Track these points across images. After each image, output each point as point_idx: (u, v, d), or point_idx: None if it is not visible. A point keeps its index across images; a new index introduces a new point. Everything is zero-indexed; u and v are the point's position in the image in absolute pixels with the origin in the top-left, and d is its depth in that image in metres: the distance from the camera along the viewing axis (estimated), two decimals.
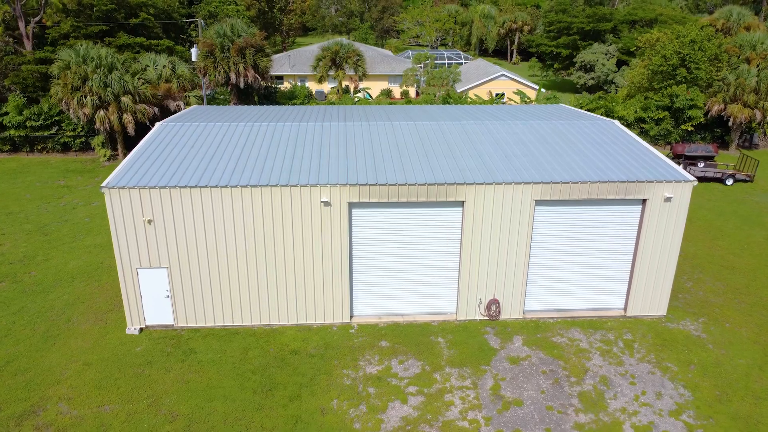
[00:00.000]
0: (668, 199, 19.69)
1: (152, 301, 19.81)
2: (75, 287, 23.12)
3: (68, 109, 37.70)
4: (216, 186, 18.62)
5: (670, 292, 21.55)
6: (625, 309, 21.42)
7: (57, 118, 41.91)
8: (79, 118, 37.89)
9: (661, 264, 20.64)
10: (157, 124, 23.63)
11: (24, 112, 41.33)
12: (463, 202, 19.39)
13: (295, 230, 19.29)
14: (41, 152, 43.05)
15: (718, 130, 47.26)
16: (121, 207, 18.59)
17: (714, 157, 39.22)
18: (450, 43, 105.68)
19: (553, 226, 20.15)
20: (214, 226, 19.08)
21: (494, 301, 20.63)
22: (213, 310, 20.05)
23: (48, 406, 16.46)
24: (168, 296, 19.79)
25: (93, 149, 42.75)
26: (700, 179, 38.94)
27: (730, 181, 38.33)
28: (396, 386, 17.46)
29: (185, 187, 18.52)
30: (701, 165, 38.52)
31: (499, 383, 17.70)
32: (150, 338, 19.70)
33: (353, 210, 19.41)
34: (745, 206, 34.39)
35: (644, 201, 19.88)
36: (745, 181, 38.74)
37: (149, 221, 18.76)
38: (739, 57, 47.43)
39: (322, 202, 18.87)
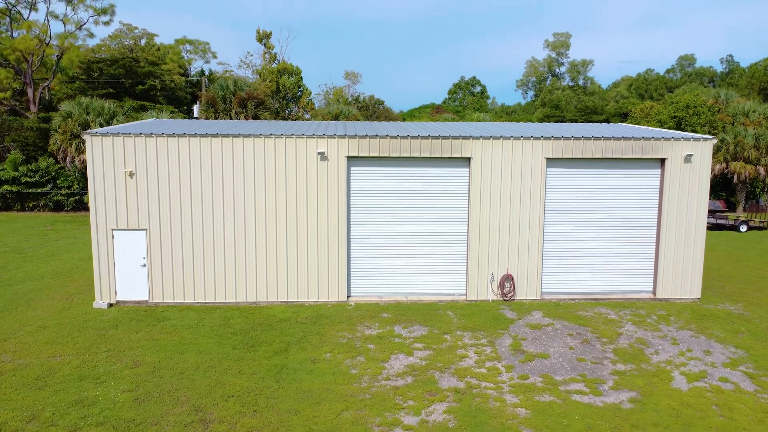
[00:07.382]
0: (688, 159, 18.35)
1: (126, 271, 17.71)
2: (44, 282, 20.95)
3: (65, 158, 37.27)
4: (205, 135, 17.40)
5: (702, 275, 19.44)
6: (654, 292, 19.18)
7: (53, 175, 41.41)
8: (75, 166, 37.35)
9: (688, 237, 18.80)
10: (149, 119, 22.96)
11: (20, 168, 40.91)
12: (470, 159, 18.03)
13: (289, 188, 17.73)
14: (32, 210, 42.01)
15: (723, 193, 46.65)
16: (102, 156, 17.21)
17: (724, 211, 38.33)
18: None
19: (568, 191, 18.60)
20: (201, 183, 17.56)
21: (508, 277, 18.49)
22: (193, 283, 17.86)
23: None
24: (144, 265, 17.72)
25: (86, 208, 41.72)
26: (713, 227, 37.59)
27: (743, 228, 36.92)
28: (399, 343, 14.94)
29: (172, 135, 17.28)
30: (710, 217, 37.43)
31: (520, 342, 15.18)
32: (120, 311, 17.35)
33: (352, 168, 17.98)
34: (763, 244, 32.69)
35: (663, 162, 18.54)
36: (760, 228, 37.38)
37: (131, 174, 17.28)
38: (733, 124, 48.07)
39: (318, 153, 17.51)
